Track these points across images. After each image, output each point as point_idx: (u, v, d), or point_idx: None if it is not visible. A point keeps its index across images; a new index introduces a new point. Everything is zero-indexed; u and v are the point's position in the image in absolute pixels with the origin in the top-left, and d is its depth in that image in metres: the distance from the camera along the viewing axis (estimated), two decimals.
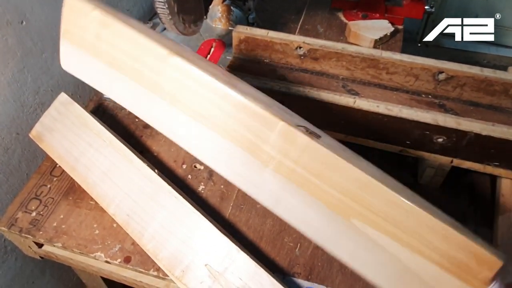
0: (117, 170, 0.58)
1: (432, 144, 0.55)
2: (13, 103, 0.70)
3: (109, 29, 0.46)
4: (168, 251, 0.52)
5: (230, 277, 0.49)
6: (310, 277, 0.54)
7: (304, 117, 0.60)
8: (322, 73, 0.69)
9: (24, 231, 0.60)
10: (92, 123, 0.62)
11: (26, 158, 0.76)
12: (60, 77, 0.79)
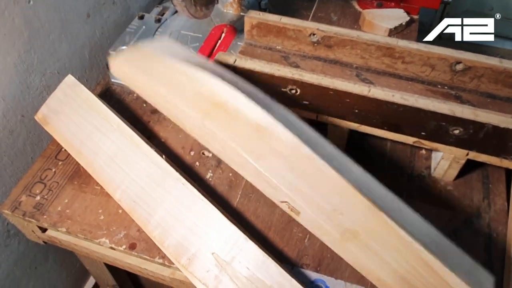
0: (124, 155, 0.57)
1: (448, 136, 0.53)
2: (18, 85, 0.68)
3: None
4: (175, 238, 0.51)
5: (238, 266, 0.48)
6: (319, 268, 0.53)
7: (316, 105, 0.59)
8: (335, 61, 0.67)
9: (27, 215, 0.59)
10: (99, 106, 0.60)
11: (31, 141, 0.75)
12: (67, 60, 0.78)
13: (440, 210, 0.58)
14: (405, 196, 0.59)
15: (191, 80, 0.48)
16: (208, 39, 0.75)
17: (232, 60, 0.59)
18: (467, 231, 0.56)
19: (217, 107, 0.46)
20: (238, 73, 0.59)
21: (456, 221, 0.57)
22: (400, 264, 0.38)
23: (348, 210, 0.41)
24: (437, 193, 0.60)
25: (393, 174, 0.62)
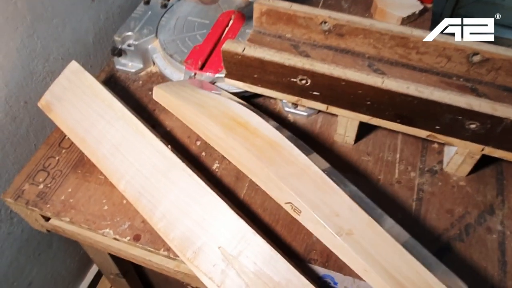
0: (129, 144, 0.56)
1: (464, 130, 0.52)
2: (21, 70, 0.67)
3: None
4: (180, 231, 0.50)
5: (245, 261, 0.47)
6: (327, 264, 0.51)
7: (327, 96, 0.57)
8: (347, 50, 0.65)
9: (30, 204, 0.58)
10: (103, 93, 0.59)
11: (34, 128, 0.74)
12: (71, 45, 0.76)
13: (453, 206, 0.56)
14: (416, 191, 0.58)
15: (219, 103, 0.58)
16: (216, 26, 0.73)
17: (241, 48, 0.57)
18: (479, 228, 0.54)
19: (239, 125, 0.54)
20: (247, 61, 0.57)
21: (468, 218, 0.55)
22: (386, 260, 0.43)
23: (343, 213, 0.46)
24: (449, 188, 0.58)
25: (405, 168, 0.60)
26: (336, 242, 0.44)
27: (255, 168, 0.50)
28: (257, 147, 0.51)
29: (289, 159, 0.50)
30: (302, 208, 0.46)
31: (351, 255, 0.43)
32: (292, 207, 0.46)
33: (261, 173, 0.49)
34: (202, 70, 0.66)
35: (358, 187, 0.59)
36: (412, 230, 0.54)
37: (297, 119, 0.67)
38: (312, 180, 0.49)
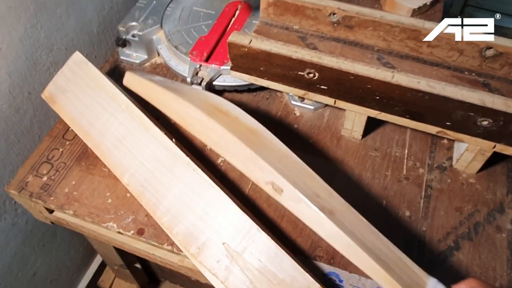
0: (133, 137, 0.55)
1: (475, 127, 0.50)
2: (25, 61, 0.66)
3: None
4: (184, 226, 0.50)
5: (249, 257, 0.46)
6: (333, 261, 0.51)
7: (335, 90, 0.56)
8: (355, 43, 0.64)
9: (34, 196, 0.57)
10: (107, 85, 0.58)
11: (38, 119, 0.73)
12: (75, 35, 0.75)
13: (462, 203, 0.55)
14: (424, 187, 0.57)
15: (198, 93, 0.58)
16: (222, 17, 0.72)
17: (248, 40, 0.55)
18: (489, 227, 0.53)
19: (220, 112, 0.52)
20: (254, 53, 0.56)
21: (477, 216, 0.54)
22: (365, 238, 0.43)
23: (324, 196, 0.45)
24: (459, 185, 0.57)
25: (414, 164, 0.59)
26: (319, 220, 0.43)
27: (235, 149, 0.47)
28: (239, 131, 0.49)
29: (270, 146, 0.49)
30: (284, 187, 0.44)
31: (334, 231, 0.42)
32: (273, 186, 0.45)
33: (242, 153, 0.47)
34: (208, 62, 0.65)
35: (365, 183, 0.58)
36: (420, 228, 0.53)
37: (304, 112, 0.66)
38: (293, 165, 0.48)
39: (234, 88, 0.67)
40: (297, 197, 0.43)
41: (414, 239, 0.52)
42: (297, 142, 0.62)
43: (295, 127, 0.64)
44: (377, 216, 0.54)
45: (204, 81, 0.64)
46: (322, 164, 0.60)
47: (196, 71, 0.65)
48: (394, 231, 0.53)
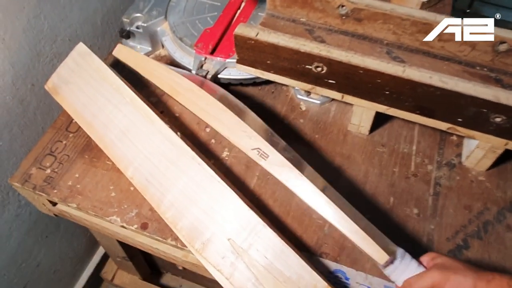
0: (137, 130, 0.54)
1: (487, 124, 0.49)
2: (28, 52, 0.65)
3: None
4: (189, 221, 0.49)
5: (255, 254, 0.46)
6: (339, 258, 0.50)
7: (343, 84, 0.54)
8: (364, 36, 0.62)
9: (38, 189, 0.57)
10: (111, 77, 0.57)
11: (42, 111, 0.73)
12: (79, 26, 0.74)
13: (471, 201, 0.54)
14: (433, 185, 0.56)
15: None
16: (227, 8, 0.70)
17: (254, 33, 0.54)
18: (498, 226, 0.52)
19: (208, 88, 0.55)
20: (260, 46, 0.55)
21: (487, 214, 0.53)
22: (343, 202, 0.48)
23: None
24: (468, 183, 0.56)
25: (422, 161, 0.58)
26: (302, 182, 0.47)
27: (224, 117, 0.51)
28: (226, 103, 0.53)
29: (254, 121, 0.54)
30: (270, 153, 0.48)
31: (315, 192, 0.46)
32: (259, 152, 0.48)
33: (231, 121, 0.50)
34: (213, 54, 0.64)
35: (372, 180, 0.57)
36: (428, 226, 0.52)
37: (310, 107, 0.65)
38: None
39: (239, 82, 0.66)
40: (281, 161, 0.47)
41: (422, 237, 0.51)
42: (303, 137, 0.61)
43: (300, 122, 0.63)
44: (384, 213, 0.54)
45: (209, 74, 0.63)
46: (328, 160, 0.59)
47: (201, 63, 0.64)
48: (401, 229, 0.52)
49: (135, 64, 0.59)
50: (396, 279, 0.43)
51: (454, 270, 0.39)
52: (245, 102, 0.65)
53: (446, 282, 0.38)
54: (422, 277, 0.40)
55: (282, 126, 0.63)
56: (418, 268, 0.42)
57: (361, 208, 0.54)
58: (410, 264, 0.43)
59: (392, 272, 0.43)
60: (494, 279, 0.37)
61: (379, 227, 0.52)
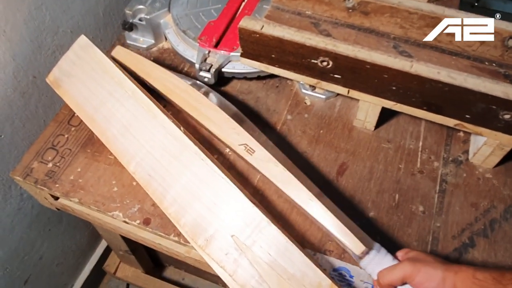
0: (139, 125, 0.53)
1: (496, 121, 0.48)
2: (30, 43, 0.64)
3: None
4: (192, 217, 0.48)
5: (258, 251, 0.45)
6: (343, 256, 0.49)
7: (349, 79, 0.54)
8: (370, 30, 0.61)
9: (39, 183, 0.56)
10: (113, 70, 0.56)
11: (44, 104, 0.72)
12: (81, 18, 0.73)
13: (477, 199, 0.54)
14: (439, 182, 0.55)
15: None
16: (232, 1, 0.69)
17: (259, 26, 0.53)
18: (505, 224, 0.51)
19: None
20: (265, 40, 0.54)
21: (494, 212, 0.53)
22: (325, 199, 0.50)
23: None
24: (475, 180, 0.55)
25: (428, 157, 0.57)
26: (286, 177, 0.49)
27: (215, 115, 0.54)
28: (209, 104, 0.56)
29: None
30: (256, 148, 0.51)
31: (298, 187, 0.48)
32: (246, 148, 0.51)
33: (220, 118, 0.54)
34: (217, 48, 0.63)
35: (377, 176, 0.56)
36: (434, 224, 0.52)
37: (315, 101, 0.64)
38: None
39: (243, 76, 0.65)
40: (266, 157, 0.50)
41: (428, 235, 0.51)
42: (307, 132, 0.61)
43: (305, 117, 0.62)
44: (389, 210, 0.53)
45: (213, 68, 0.62)
46: (333, 155, 0.58)
47: (204, 57, 0.63)
48: (407, 226, 0.52)
49: (133, 65, 0.59)
50: (371, 271, 0.45)
51: (424, 263, 0.41)
52: (249, 97, 0.65)
53: (417, 274, 0.40)
54: (394, 269, 0.42)
55: (286, 121, 0.62)
56: (393, 261, 0.44)
57: (365, 205, 0.54)
58: (385, 257, 0.44)
59: (368, 264, 0.45)
60: (461, 270, 0.38)
61: (384, 225, 0.52)
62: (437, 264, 0.40)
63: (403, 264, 0.42)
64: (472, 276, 0.37)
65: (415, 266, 0.40)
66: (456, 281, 0.38)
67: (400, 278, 0.41)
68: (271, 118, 0.62)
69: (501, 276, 0.36)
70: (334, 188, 0.55)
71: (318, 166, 0.57)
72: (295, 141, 0.60)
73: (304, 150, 0.59)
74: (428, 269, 0.40)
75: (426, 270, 0.40)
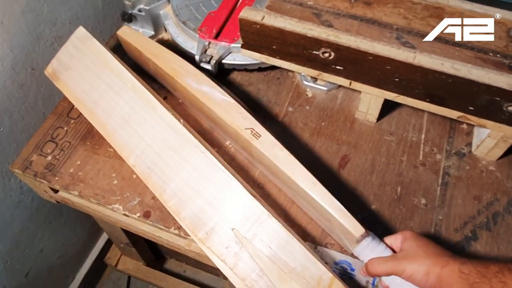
0: (139, 117, 0.53)
1: (500, 113, 0.48)
2: (28, 35, 0.64)
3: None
4: (192, 210, 0.48)
5: (259, 244, 0.45)
6: (345, 249, 0.49)
7: (351, 70, 0.53)
8: (373, 21, 0.60)
9: (39, 176, 0.56)
10: (112, 62, 0.55)
11: (43, 96, 0.71)
12: (80, 9, 0.72)
13: (480, 192, 0.53)
14: (441, 174, 0.55)
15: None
16: None
17: (260, 17, 0.52)
18: (509, 217, 0.51)
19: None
20: (266, 31, 0.53)
21: (497, 205, 0.52)
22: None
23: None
24: (478, 173, 0.55)
25: (431, 150, 0.57)
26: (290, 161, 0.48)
27: (222, 99, 0.53)
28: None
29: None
30: (262, 133, 0.50)
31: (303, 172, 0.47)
32: (252, 132, 0.51)
33: (228, 103, 0.53)
34: (217, 39, 0.62)
35: (379, 169, 0.56)
36: (436, 217, 0.51)
37: (316, 93, 0.64)
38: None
39: (244, 67, 0.64)
40: (272, 141, 0.50)
41: (430, 228, 0.51)
42: (309, 124, 0.60)
43: (307, 109, 0.62)
44: (391, 203, 0.53)
45: (213, 60, 0.61)
46: (335, 148, 0.58)
47: (205, 48, 0.62)
48: (409, 219, 0.51)
49: (140, 45, 0.58)
50: (365, 258, 0.45)
51: (411, 259, 0.41)
52: (250, 89, 0.64)
53: (402, 272, 0.41)
54: (381, 264, 0.43)
55: (288, 113, 0.61)
56: (385, 250, 0.45)
57: (367, 198, 0.53)
58: (378, 245, 0.45)
59: (362, 250, 0.45)
60: (448, 264, 0.39)
61: (386, 217, 0.52)
62: (424, 259, 0.40)
63: (389, 262, 0.42)
64: (458, 269, 0.37)
65: (400, 265, 0.41)
66: (442, 275, 0.38)
67: (386, 273, 0.42)
68: (272, 110, 0.62)
69: (486, 269, 0.36)
70: (336, 181, 0.55)
71: (320, 159, 0.57)
72: (297, 134, 0.59)
73: (305, 142, 0.58)
74: (413, 266, 0.40)
75: (411, 268, 0.40)
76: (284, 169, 0.48)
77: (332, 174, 0.55)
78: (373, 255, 0.44)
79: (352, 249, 0.46)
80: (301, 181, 0.47)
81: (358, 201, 0.53)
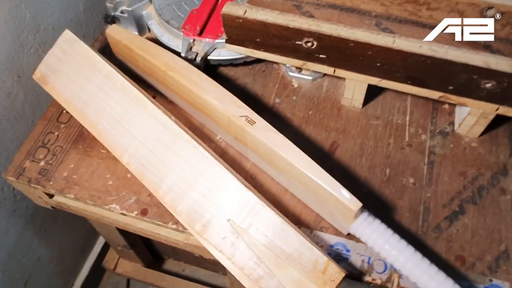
0: (130, 117, 0.53)
1: (478, 90, 0.49)
2: (11, 42, 0.64)
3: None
4: (187, 204, 0.49)
5: (255, 233, 0.46)
6: (339, 232, 0.51)
7: (334, 58, 0.54)
8: (352, 9, 0.62)
9: (33, 182, 0.56)
10: (100, 64, 0.56)
11: (30, 103, 0.71)
12: (62, 14, 0.72)
13: (465, 168, 0.55)
14: (427, 154, 0.56)
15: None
16: None
17: (242, 11, 0.54)
18: (493, 190, 0.53)
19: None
20: (249, 24, 0.54)
21: (481, 179, 0.54)
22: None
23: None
24: (461, 150, 0.57)
25: (416, 131, 0.59)
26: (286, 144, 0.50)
27: (215, 89, 0.55)
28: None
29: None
30: (257, 120, 0.52)
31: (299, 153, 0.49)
32: (247, 119, 0.52)
33: (221, 92, 0.54)
34: (201, 36, 0.63)
35: (368, 152, 0.57)
36: (424, 194, 0.53)
37: (302, 83, 0.65)
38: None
39: (229, 62, 0.65)
40: (267, 127, 0.51)
41: (419, 205, 0.52)
42: (297, 114, 0.61)
43: (293, 99, 0.63)
44: (381, 184, 0.54)
45: (199, 56, 0.62)
46: (323, 135, 0.59)
47: (190, 46, 0.63)
48: (399, 198, 0.53)
49: (130, 42, 0.59)
50: (361, 234, 0.47)
51: None
52: (236, 83, 0.65)
53: None
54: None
55: (275, 104, 0.63)
56: (380, 225, 0.46)
57: (358, 181, 0.55)
58: (374, 221, 0.47)
59: (358, 226, 0.46)
60: None
61: (377, 198, 0.53)
62: None
63: None
64: None
65: None
66: None
67: None
68: (260, 103, 0.63)
69: None
70: (326, 167, 0.56)
71: (310, 146, 0.58)
72: (285, 124, 0.60)
73: (295, 131, 0.60)
74: None
75: None
76: (280, 152, 0.49)
77: (323, 160, 0.56)
78: (369, 230, 0.46)
79: (348, 226, 0.48)
80: (298, 162, 0.48)
81: (350, 184, 0.54)
